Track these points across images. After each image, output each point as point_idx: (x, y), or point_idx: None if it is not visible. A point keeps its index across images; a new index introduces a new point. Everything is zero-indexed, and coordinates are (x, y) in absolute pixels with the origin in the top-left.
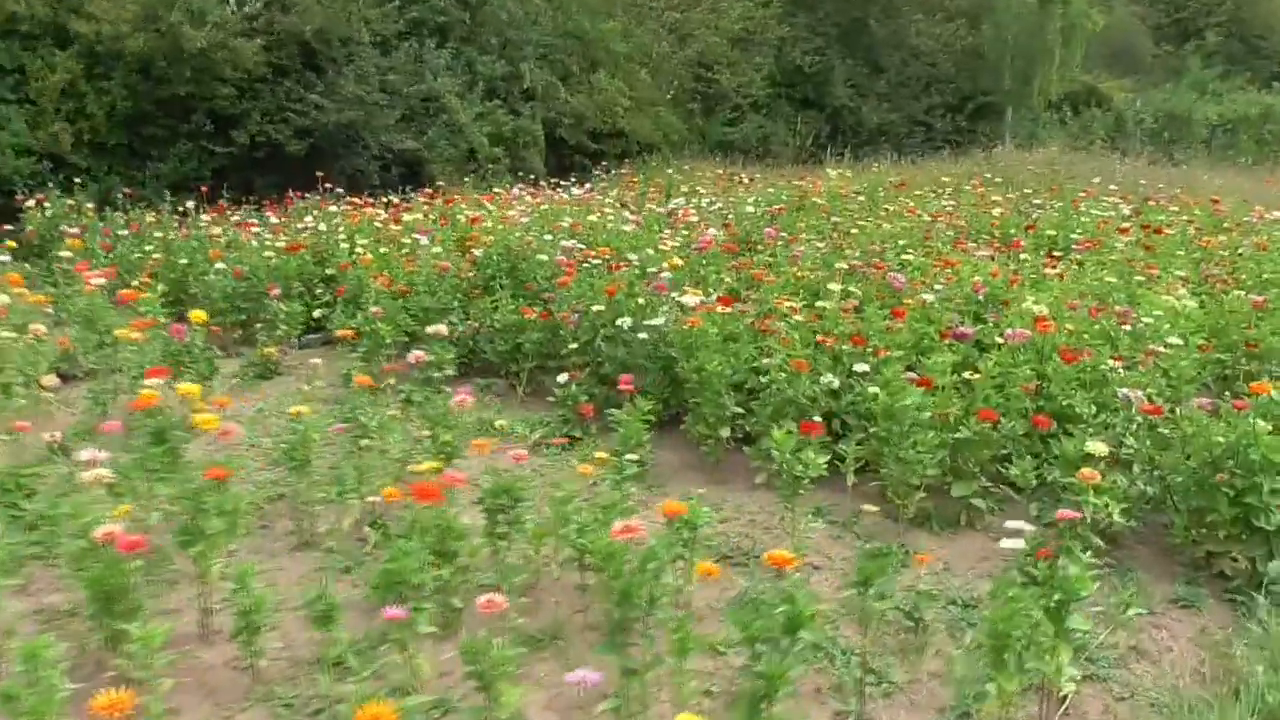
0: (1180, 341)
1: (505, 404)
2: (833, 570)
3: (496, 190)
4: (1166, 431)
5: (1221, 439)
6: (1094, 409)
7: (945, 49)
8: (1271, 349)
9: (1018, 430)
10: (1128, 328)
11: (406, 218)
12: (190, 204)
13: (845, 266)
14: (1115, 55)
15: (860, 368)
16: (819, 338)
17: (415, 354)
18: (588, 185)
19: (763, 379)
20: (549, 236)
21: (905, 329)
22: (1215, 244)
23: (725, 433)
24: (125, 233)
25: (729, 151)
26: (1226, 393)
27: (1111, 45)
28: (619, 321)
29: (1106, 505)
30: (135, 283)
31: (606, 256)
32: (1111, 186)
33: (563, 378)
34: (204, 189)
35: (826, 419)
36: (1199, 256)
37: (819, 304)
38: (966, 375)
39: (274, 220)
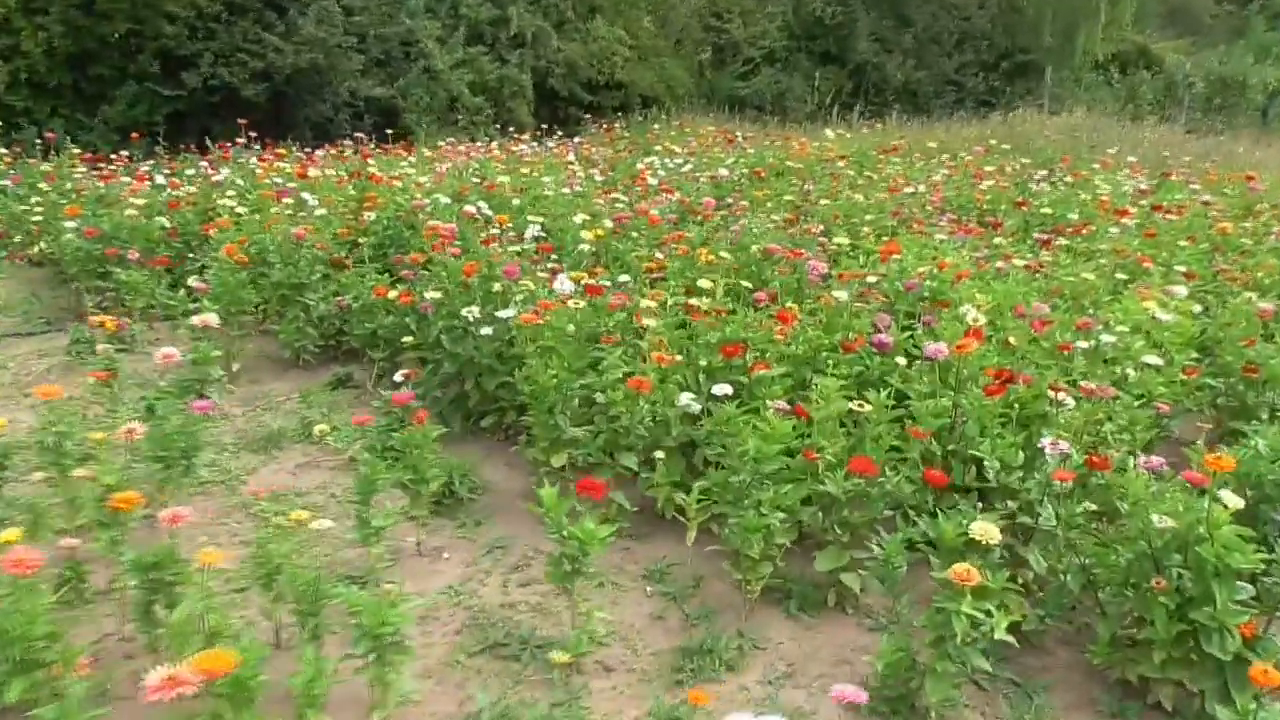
0: (1158, 361)
1: (358, 398)
2: (632, 672)
3: (437, 143)
4: (1092, 505)
5: (1171, 522)
6: (1020, 458)
7: (980, 2)
8: (1277, 376)
9: (904, 487)
10: (1084, 344)
11: (312, 172)
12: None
13: (759, 249)
14: (1172, 13)
15: (721, 389)
16: (657, 356)
17: (163, 352)
18: (576, 139)
19: (599, 398)
20: (446, 200)
21: (799, 337)
22: (1236, 231)
23: (560, 461)
24: (9, 182)
25: (741, 107)
26: (1201, 436)
27: (1169, 2)
28: (465, 311)
29: (989, 616)
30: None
31: (504, 225)
32: (1130, 159)
33: (399, 376)
34: (135, 135)
35: (687, 451)
36: (1207, 247)
37: (694, 301)
38: (856, 406)
39: (192, 172)
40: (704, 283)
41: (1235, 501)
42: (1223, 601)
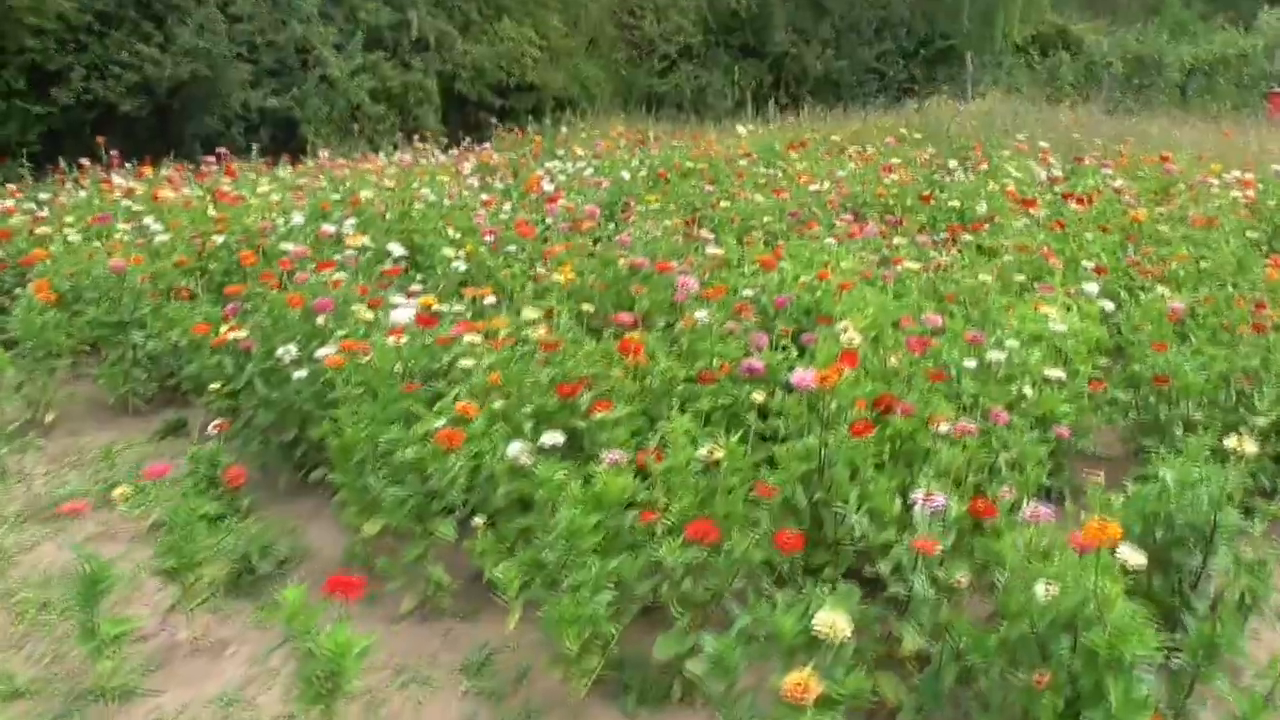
0: (1060, 374)
1: (187, 450)
2: None
3: (317, 155)
4: (964, 576)
5: (1058, 590)
6: (897, 507)
7: None
8: (1189, 386)
9: (753, 555)
10: (972, 363)
11: (167, 194)
12: None
13: (625, 264)
14: None
15: (552, 438)
16: (462, 406)
17: None
18: (487, 144)
19: (404, 454)
20: (299, 219)
21: (653, 368)
22: (1150, 217)
23: (373, 528)
24: None
25: (660, 105)
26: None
27: None
28: (279, 351)
29: None
30: None
31: (360, 246)
32: (1042, 144)
33: (212, 428)
34: None
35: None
36: (1119, 237)
37: (528, 333)
38: (707, 452)
39: (46, 196)
40: (529, 312)
41: (1136, 560)
42: (1119, 699)
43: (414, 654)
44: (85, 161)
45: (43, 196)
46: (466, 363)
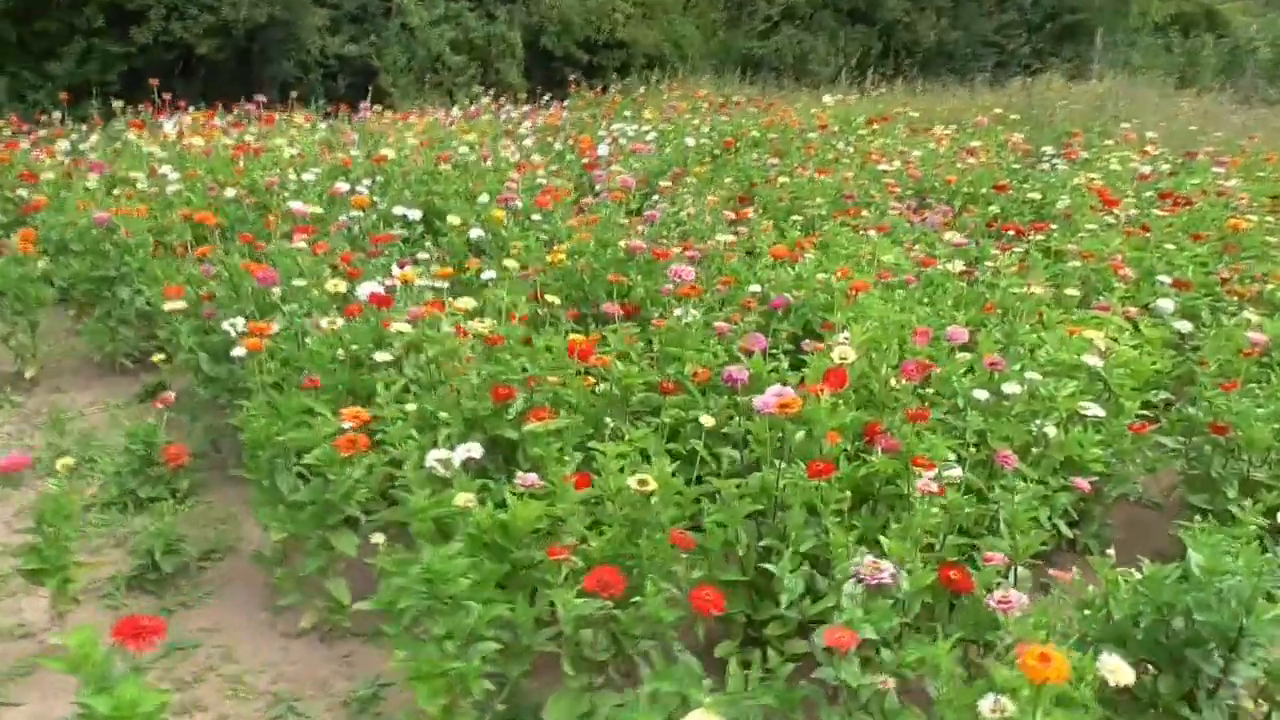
0: (1099, 411)
1: (163, 415)
2: None
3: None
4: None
5: (1010, 707)
6: (848, 568)
7: None
8: (1254, 440)
9: (664, 615)
10: (982, 394)
11: (197, 141)
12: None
13: (624, 246)
14: None
15: (465, 451)
16: (349, 413)
17: None
18: (566, 102)
19: (307, 459)
20: (310, 174)
21: (613, 372)
22: (1258, 225)
23: (280, 535)
24: None
25: (757, 69)
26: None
27: None
28: (225, 324)
29: None
30: None
31: (363, 209)
32: (1150, 134)
33: (160, 402)
34: (64, 96)
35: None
36: (1213, 247)
37: (477, 325)
38: (636, 484)
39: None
40: (465, 301)
41: (1123, 676)
42: None
43: (303, 679)
44: (126, 103)
45: (94, 140)
46: (382, 356)
